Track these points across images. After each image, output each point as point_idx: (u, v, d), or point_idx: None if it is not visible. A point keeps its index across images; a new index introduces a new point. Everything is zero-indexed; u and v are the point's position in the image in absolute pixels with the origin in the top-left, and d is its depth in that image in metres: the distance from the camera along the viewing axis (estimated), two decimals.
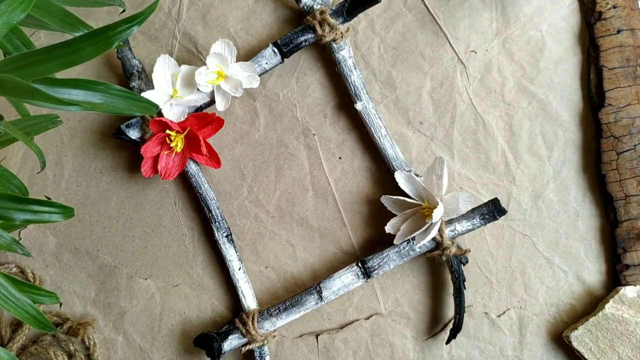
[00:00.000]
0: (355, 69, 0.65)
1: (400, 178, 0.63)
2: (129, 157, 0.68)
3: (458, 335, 0.63)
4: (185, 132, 0.62)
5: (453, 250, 0.62)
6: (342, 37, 0.64)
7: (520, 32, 0.67)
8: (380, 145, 0.64)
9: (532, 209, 0.66)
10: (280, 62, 0.65)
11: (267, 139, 0.68)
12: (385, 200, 0.64)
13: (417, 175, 0.63)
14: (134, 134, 0.63)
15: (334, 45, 0.64)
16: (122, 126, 0.63)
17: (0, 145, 0.51)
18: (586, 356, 0.61)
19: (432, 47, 0.67)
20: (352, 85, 0.64)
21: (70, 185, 0.67)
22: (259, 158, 0.68)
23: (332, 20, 0.63)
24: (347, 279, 0.63)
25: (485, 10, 0.67)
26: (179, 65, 0.63)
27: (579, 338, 0.62)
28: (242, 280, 0.65)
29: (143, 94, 0.61)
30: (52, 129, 0.57)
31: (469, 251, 0.63)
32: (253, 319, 0.62)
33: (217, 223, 0.64)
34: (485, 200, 0.63)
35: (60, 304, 0.65)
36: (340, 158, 0.67)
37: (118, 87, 0.43)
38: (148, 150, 0.62)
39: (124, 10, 0.60)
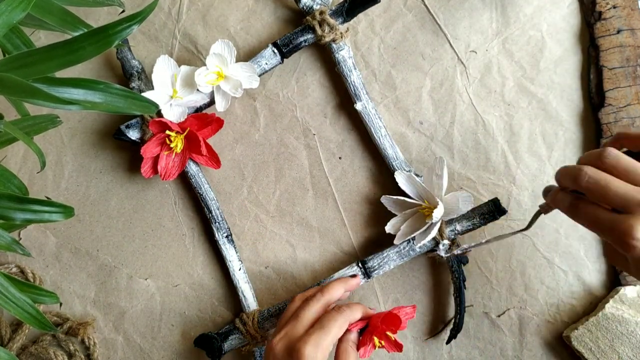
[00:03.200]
0: (355, 69, 0.65)
1: (400, 178, 0.63)
2: (129, 157, 0.68)
3: (458, 335, 0.63)
4: (185, 133, 0.62)
5: (453, 250, 0.62)
6: (341, 37, 0.64)
7: (520, 32, 0.67)
8: (380, 145, 0.64)
9: (532, 209, 0.66)
10: (280, 63, 0.65)
11: (267, 139, 0.68)
12: (385, 200, 0.64)
13: (417, 175, 0.63)
14: (133, 135, 0.63)
15: (334, 45, 0.64)
16: (122, 127, 0.63)
17: (0, 145, 0.51)
18: (586, 356, 0.61)
19: (432, 47, 0.68)
20: (352, 85, 0.64)
21: (70, 185, 0.67)
22: (259, 158, 0.68)
23: (331, 21, 0.63)
24: None
25: (485, 10, 0.67)
26: (179, 66, 0.63)
27: (579, 338, 0.61)
28: (242, 281, 0.65)
29: (143, 95, 0.61)
30: (52, 129, 0.57)
31: (469, 251, 0.63)
32: (253, 319, 0.62)
33: (217, 223, 0.64)
34: (485, 200, 0.63)
35: (60, 304, 0.65)
36: (340, 158, 0.67)
37: (118, 87, 0.43)
38: (148, 150, 0.62)
39: (123, 11, 0.60)
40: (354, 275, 0.62)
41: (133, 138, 0.63)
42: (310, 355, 0.50)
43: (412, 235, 0.61)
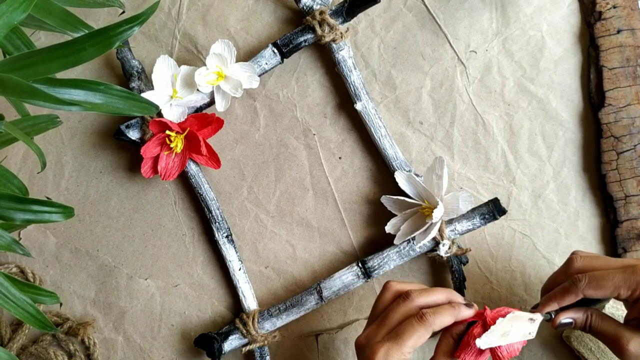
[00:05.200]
0: (355, 69, 0.65)
1: (400, 178, 0.63)
2: (129, 157, 0.68)
3: None
4: (185, 133, 0.62)
5: (453, 250, 0.62)
6: (341, 37, 0.64)
7: (520, 32, 0.67)
8: (380, 145, 0.64)
9: (532, 209, 0.66)
10: (280, 63, 0.65)
11: (267, 139, 0.68)
12: (385, 200, 0.64)
13: (417, 175, 0.63)
14: (133, 135, 0.63)
15: (334, 45, 0.64)
16: (122, 127, 0.63)
17: (0, 145, 0.51)
18: (586, 356, 0.61)
19: (432, 47, 0.68)
20: (352, 85, 0.64)
21: (70, 185, 0.67)
22: (259, 158, 0.68)
23: (331, 21, 0.63)
24: (347, 279, 0.63)
25: (485, 10, 0.67)
26: (179, 66, 0.63)
27: (579, 338, 0.62)
28: (242, 281, 0.65)
29: (143, 95, 0.61)
30: (52, 129, 0.57)
31: (469, 251, 0.63)
32: (253, 319, 0.63)
33: (217, 223, 0.65)
34: (485, 200, 0.63)
35: (61, 304, 0.65)
36: (340, 158, 0.67)
37: (118, 87, 0.43)
38: (148, 150, 0.62)
39: (123, 12, 0.60)
40: (469, 304, 0.51)
41: (133, 138, 0.63)
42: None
43: (412, 235, 0.61)
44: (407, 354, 0.48)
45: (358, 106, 0.64)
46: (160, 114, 0.62)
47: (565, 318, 0.52)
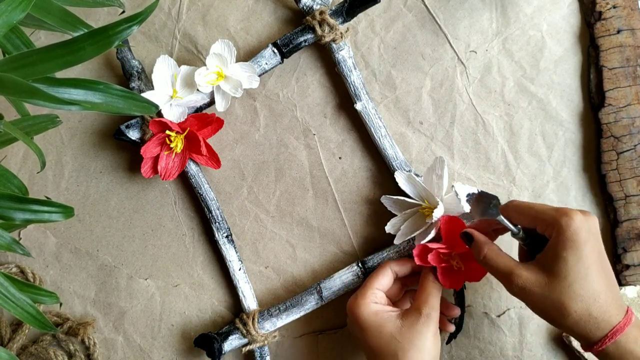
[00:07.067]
0: (355, 69, 0.65)
1: (400, 178, 0.63)
2: (129, 157, 0.68)
3: (458, 335, 0.63)
4: (185, 133, 0.62)
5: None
6: (341, 37, 0.64)
7: (520, 32, 0.67)
8: (380, 145, 0.64)
9: None
10: (280, 63, 0.65)
11: (267, 139, 0.68)
12: (385, 200, 0.64)
13: (417, 175, 0.63)
14: (133, 135, 0.63)
15: (334, 45, 0.64)
16: (122, 127, 0.63)
17: (0, 145, 0.51)
18: (586, 356, 0.61)
19: (432, 47, 0.67)
20: (352, 85, 0.64)
21: (70, 185, 0.67)
22: (259, 158, 0.68)
23: (331, 21, 0.63)
24: (347, 279, 0.63)
25: (485, 10, 0.67)
26: (179, 66, 0.63)
27: None
28: (242, 281, 0.65)
29: (143, 95, 0.61)
30: (52, 129, 0.57)
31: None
32: (253, 319, 0.62)
33: (217, 223, 0.65)
34: None
35: (60, 304, 0.65)
36: (340, 158, 0.67)
37: (118, 87, 0.43)
38: (148, 150, 0.62)
39: (123, 12, 0.60)
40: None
41: (133, 138, 0.63)
42: (351, 307, 0.57)
43: (412, 235, 0.61)
44: (376, 289, 0.58)
45: (358, 106, 0.64)
46: (160, 114, 0.62)
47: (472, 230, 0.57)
